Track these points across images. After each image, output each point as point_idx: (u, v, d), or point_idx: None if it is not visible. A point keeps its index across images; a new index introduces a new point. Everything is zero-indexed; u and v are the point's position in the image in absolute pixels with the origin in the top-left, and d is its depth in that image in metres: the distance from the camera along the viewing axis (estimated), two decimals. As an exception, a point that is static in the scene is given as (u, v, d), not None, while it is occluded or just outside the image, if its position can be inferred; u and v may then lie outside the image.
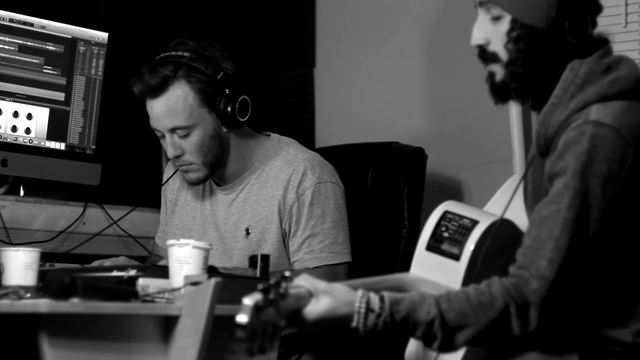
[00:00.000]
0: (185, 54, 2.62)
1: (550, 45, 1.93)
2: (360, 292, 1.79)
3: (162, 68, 2.60)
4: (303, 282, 1.78)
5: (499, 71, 1.97)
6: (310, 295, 1.77)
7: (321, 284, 1.79)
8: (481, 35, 1.99)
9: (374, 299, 1.79)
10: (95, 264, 2.64)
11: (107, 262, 2.62)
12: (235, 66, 2.67)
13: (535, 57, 1.93)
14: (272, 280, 1.69)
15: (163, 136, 2.66)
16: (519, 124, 3.13)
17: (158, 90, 2.60)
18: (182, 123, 2.61)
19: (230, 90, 2.62)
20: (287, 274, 1.72)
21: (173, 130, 2.63)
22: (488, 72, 2.00)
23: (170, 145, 2.64)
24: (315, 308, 1.77)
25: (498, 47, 1.96)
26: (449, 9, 3.39)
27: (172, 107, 2.60)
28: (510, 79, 1.96)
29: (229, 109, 2.62)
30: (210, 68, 2.62)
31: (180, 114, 2.61)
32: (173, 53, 2.63)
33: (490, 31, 1.97)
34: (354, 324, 1.78)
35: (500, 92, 1.99)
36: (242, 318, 1.64)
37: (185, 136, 2.63)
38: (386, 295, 1.79)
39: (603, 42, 1.97)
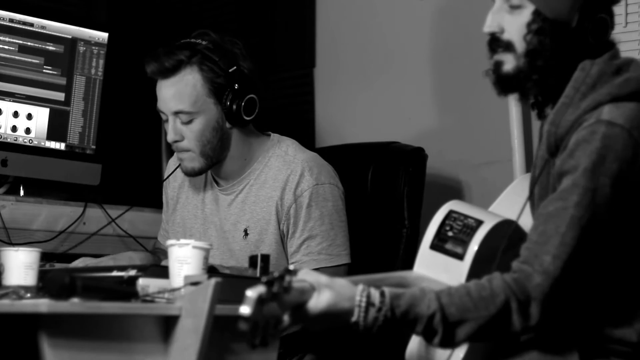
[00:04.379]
0: (204, 42, 2.64)
1: (571, 43, 1.93)
2: (361, 287, 1.79)
3: (178, 51, 2.63)
4: (306, 276, 1.79)
5: (509, 61, 1.96)
6: (313, 289, 1.77)
7: (323, 278, 1.79)
8: (495, 23, 1.97)
9: (375, 293, 1.78)
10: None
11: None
12: (253, 67, 2.68)
13: (557, 52, 1.93)
14: (276, 274, 1.69)
15: (167, 120, 2.68)
16: (519, 124, 3.14)
17: (170, 72, 2.62)
18: (187, 108, 2.62)
19: (239, 87, 2.63)
20: (291, 267, 1.72)
21: (177, 114, 2.64)
22: (494, 61, 1.99)
23: (171, 129, 2.66)
24: (317, 302, 1.76)
25: (514, 36, 1.95)
26: (449, 9, 3.38)
27: (179, 91, 2.62)
28: (530, 69, 1.94)
29: (234, 104, 2.63)
30: (225, 60, 2.63)
31: (186, 99, 2.62)
32: (192, 40, 2.66)
33: (507, 20, 1.96)
34: (354, 318, 1.77)
35: (506, 82, 1.98)
36: (245, 310, 1.64)
37: (188, 122, 2.64)
38: (387, 290, 1.79)
39: (611, 44, 1.97)
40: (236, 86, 2.63)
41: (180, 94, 2.62)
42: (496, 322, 1.80)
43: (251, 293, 1.65)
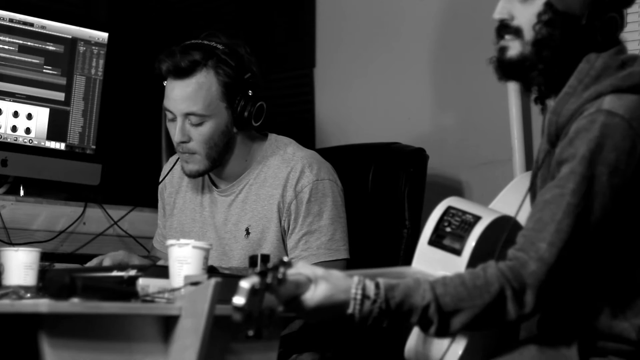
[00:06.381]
0: (219, 46, 2.62)
1: (579, 38, 1.94)
2: (356, 279, 1.79)
3: (194, 52, 2.60)
4: (302, 269, 1.79)
5: (514, 47, 1.98)
6: (309, 281, 1.78)
7: (319, 270, 1.80)
8: (506, 10, 1.99)
9: (370, 285, 1.79)
10: (94, 261, 2.63)
11: (106, 258, 2.61)
12: (259, 70, 2.68)
13: (565, 45, 1.94)
14: (270, 265, 1.70)
15: (173, 119, 2.66)
16: (519, 124, 3.14)
17: (185, 72, 2.60)
18: (199, 111, 2.61)
19: (252, 93, 2.63)
20: (285, 259, 1.73)
21: (187, 116, 2.63)
22: (499, 47, 2.00)
23: (179, 130, 2.64)
24: (313, 295, 1.77)
25: (524, 24, 1.97)
26: (450, 9, 3.38)
27: (193, 93, 2.60)
28: (537, 59, 1.96)
29: (246, 111, 2.63)
30: (240, 66, 2.63)
31: (200, 102, 2.61)
32: (206, 42, 2.64)
33: (518, 9, 1.98)
34: (349, 310, 1.78)
35: (508, 68, 1.99)
36: (238, 300, 1.65)
37: (198, 125, 2.62)
38: (381, 281, 1.80)
39: (618, 41, 1.99)
40: (250, 93, 2.63)
41: (194, 96, 2.60)
42: (491, 311, 1.80)
43: (244, 283, 1.66)
